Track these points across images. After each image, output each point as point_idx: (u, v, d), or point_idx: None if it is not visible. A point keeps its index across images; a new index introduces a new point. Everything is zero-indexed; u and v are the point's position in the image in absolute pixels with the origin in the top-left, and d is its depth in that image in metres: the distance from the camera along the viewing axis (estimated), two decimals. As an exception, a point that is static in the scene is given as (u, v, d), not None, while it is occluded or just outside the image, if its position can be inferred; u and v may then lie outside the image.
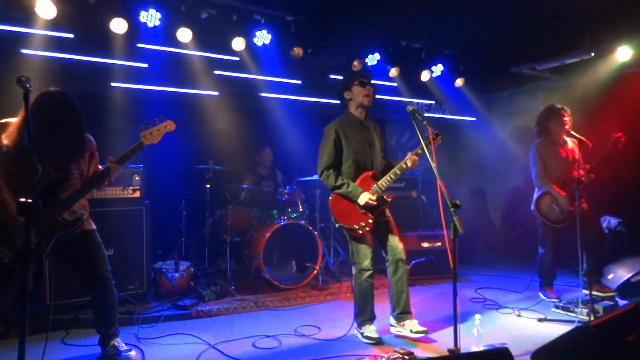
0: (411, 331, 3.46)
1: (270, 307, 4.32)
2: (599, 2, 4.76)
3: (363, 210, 3.40)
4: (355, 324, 3.56)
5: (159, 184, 5.05)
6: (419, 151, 3.37)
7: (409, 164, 3.39)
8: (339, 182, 3.41)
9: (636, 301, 3.09)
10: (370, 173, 3.46)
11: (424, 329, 3.45)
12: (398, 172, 3.40)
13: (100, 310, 3.01)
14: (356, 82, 3.48)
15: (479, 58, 6.67)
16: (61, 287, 3.65)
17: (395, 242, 3.52)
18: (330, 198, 3.52)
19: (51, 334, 3.47)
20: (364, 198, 3.33)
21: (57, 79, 4.22)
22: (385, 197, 3.46)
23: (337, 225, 3.50)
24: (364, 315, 3.48)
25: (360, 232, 3.39)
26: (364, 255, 3.43)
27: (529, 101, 7.38)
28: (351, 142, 3.47)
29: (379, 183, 3.39)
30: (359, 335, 3.48)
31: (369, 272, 3.42)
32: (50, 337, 3.41)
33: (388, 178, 3.39)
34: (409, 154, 3.40)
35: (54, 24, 4.45)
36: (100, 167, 2.97)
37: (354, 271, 3.49)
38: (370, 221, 3.39)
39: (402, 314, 3.54)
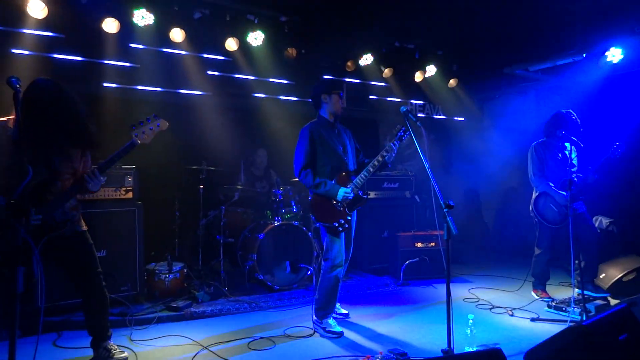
0: (334, 312, 3.83)
1: (264, 308, 4.31)
2: (590, 4, 4.80)
3: (341, 209, 3.57)
4: (314, 318, 3.70)
5: (152, 184, 5.01)
6: (384, 153, 3.54)
7: (380, 160, 3.54)
8: (317, 181, 3.58)
9: (627, 301, 3.12)
10: (344, 173, 3.64)
11: (346, 312, 4.00)
12: (371, 170, 3.55)
13: (91, 312, 2.97)
14: (335, 92, 3.70)
15: (472, 59, 6.70)
16: (52, 288, 3.62)
17: (351, 248, 3.81)
18: (310, 198, 3.70)
19: (42, 337, 3.44)
20: (341, 193, 3.52)
21: (48, 79, 4.19)
22: (361, 195, 3.62)
23: (316, 223, 3.73)
24: (327, 309, 3.65)
25: (340, 229, 3.56)
26: (339, 252, 3.59)
27: (522, 101, 7.43)
28: (325, 144, 3.66)
29: (354, 182, 3.57)
30: (320, 331, 3.61)
31: (340, 269, 3.60)
32: (42, 340, 3.38)
33: (362, 176, 3.56)
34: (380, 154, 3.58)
35: (45, 24, 4.42)
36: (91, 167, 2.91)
37: (324, 266, 3.65)
38: (349, 218, 3.59)
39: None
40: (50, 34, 4.59)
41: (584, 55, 5.44)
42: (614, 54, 5.38)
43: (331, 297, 3.64)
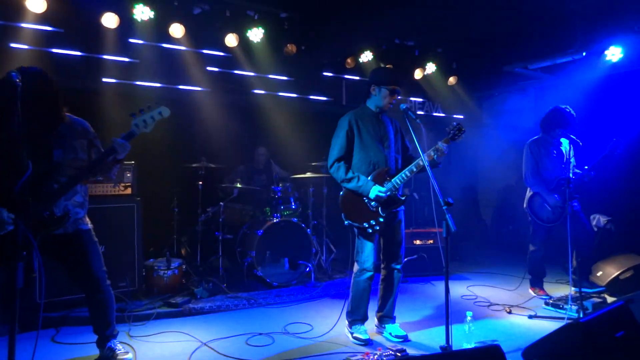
0: (390, 334, 3.47)
1: (263, 304, 4.31)
2: (590, 2, 4.80)
3: (374, 209, 3.28)
4: (346, 322, 3.53)
5: (151, 180, 5.01)
6: (432, 153, 3.19)
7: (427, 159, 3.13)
8: (349, 175, 3.28)
9: (624, 298, 3.13)
10: (384, 170, 3.32)
11: (403, 333, 3.46)
12: (414, 169, 3.20)
13: (96, 311, 2.92)
14: (389, 88, 3.34)
15: (471, 57, 6.70)
16: (51, 284, 3.61)
17: (398, 253, 3.47)
18: (341, 193, 3.40)
19: (41, 332, 3.44)
20: (374, 191, 3.20)
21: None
22: (398, 196, 3.33)
23: (345, 222, 3.36)
24: (356, 314, 3.45)
25: (370, 230, 3.28)
26: (368, 255, 3.33)
27: (521, 100, 7.43)
28: (364, 136, 3.36)
29: (392, 180, 3.26)
30: (349, 335, 3.46)
31: (369, 274, 3.35)
32: (40, 336, 3.38)
33: (402, 176, 3.24)
34: (427, 152, 3.19)
35: (44, 18, 4.40)
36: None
37: (354, 269, 3.42)
38: (381, 220, 3.27)
39: (385, 317, 3.56)
40: (49, 28, 4.56)
41: (584, 53, 5.45)
42: (614, 53, 5.38)
43: (360, 302, 3.41)
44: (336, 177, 3.36)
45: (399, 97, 3.44)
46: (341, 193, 3.41)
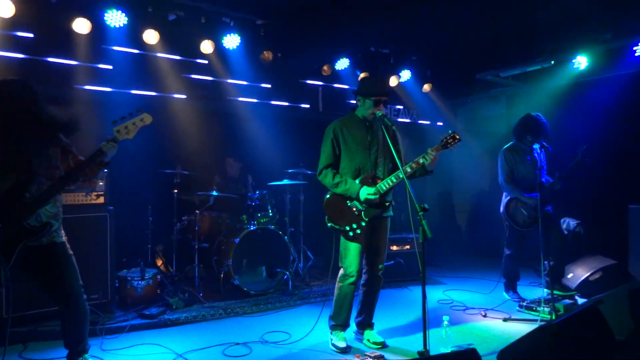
0: (368, 341, 3.50)
1: (240, 313, 4.27)
2: (558, 13, 4.97)
3: (357, 212, 3.29)
4: (328, 326, 3.52)
5: (125, 189, 4.89)
6: (421, 160, 3.17)
7: (414, 167, 3.19)
8: (337, 179, 3.31)
9: (594, 299, 3.23)
10: (369, 175, 3.32)
11: (381, 339, 3.49)
12: (400, 176, 3.14)
13: (68, 326, 2.83)
14: (372, 99, 3.32)
15: (445, 65, 6.83)
16: (19, 298, 3.48)
17: (380, 259, 3.49)
18: (326, 196, 3.43)
19: (8, 348, 3.31)
20: (364, 193, 3.21)
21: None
22: (384, 201, 3.32)
23: (328, 225, 3.39)
24: (337, 319, 3.44)
25: (352, 234, 3.29)
26: (352, 260, 3.33)
27: (493, 106, 7.62)
28: (349, 142, 3.37)
29: (377, 186, 3.24)
30: (330, 340, 3.46)
31: (352, 279, 3.34)
32: (7, 351, 3.25)
33: (388, 181, 3.22)
34: (414, 160, 3.20)
35: (12, 23, 4.28)
36: (81, 158, 2.79)
37: (339, 273, 3.42)
38: (363, 224, 3.28)
39: (364, 323, 3.59)
40: (18, 33, 4.44)
41: (553, 62, 5.63)
42: (580, 62, 5.59)
43: (342, 307, 3.41)
44: (325, 184, 3.39)
45: (385, 107, 3.46)
46: (326, 196, 3.43)
